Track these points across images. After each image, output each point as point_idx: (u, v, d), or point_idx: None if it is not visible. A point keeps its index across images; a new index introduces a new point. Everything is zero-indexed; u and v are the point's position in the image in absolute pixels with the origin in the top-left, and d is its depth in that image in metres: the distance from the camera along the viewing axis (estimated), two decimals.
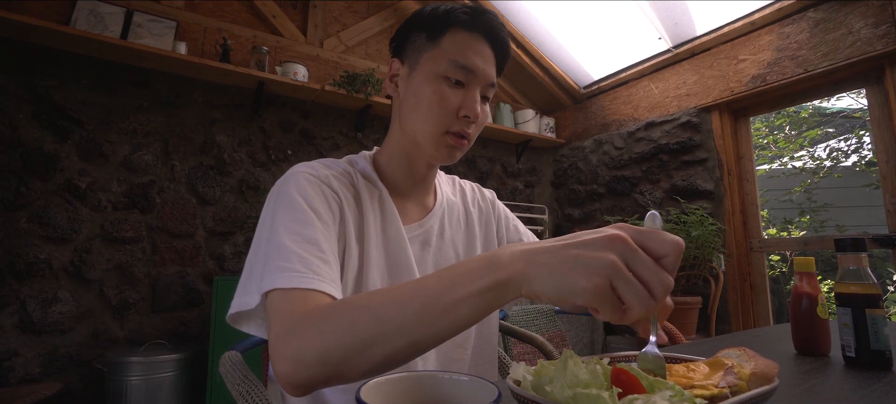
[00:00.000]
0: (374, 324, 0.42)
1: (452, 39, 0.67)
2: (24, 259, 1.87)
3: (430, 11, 0.70)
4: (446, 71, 0.66)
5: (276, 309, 0.50)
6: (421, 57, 0.69)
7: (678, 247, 0.37)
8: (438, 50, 0.67)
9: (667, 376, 0.45)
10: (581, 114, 3.40)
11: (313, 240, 0.56)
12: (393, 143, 0.75)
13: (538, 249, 0.40)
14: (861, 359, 0.60)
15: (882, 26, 1.91)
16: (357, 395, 0.32)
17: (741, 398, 0.37)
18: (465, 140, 0.69)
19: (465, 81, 0.67)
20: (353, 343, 0.42)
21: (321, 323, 0.45)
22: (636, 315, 0.36)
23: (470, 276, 0.41)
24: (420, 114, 0.68)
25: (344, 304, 0.47)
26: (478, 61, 0.67)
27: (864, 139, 4.44)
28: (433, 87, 0.66)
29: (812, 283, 0.72)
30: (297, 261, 0.53)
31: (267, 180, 2.47)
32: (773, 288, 3.31)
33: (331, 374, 0.43)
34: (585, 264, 0.36)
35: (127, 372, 1.76)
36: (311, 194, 0.62)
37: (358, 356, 0.42)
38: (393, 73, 0.74)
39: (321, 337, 0.44)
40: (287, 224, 0.57)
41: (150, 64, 2.17)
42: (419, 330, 0.42)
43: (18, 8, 1.89)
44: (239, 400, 0.58)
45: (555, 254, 0.38)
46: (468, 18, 0.67)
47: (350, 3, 2.93)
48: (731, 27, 2.43)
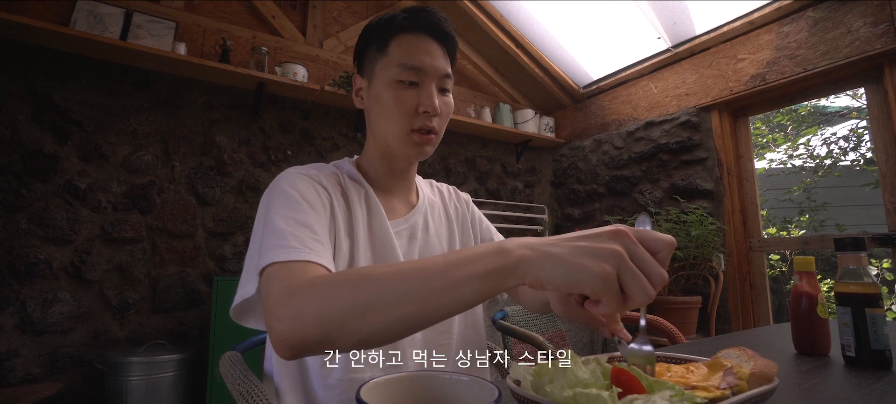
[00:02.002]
0: (376, 291, 0.43)
1: (398, 44, 0.71)
2: (25, 259, 1.87)
3: (375, 23, 0.75)
4: (398, 75, 0.70)
5: (274, 279, 0.52)
6: (375, 67, 0.73)
7: (670, 244, 0.41)
8: (388, 57, 0.71)
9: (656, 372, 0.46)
10: (580, 114, 3.40)
11: (306, 223, 0.60)
12: (370, 149, 0.80)
13: (545, 241, 0.42)
14: (861, 359, 0.60)
15: (881, 25, 1.92)
16: (357, 395, 0.32)
17: (741, 398, 0.37)
18: (431, 134, 0.73)
19: (417, 80, 0.71)
20: (353, 306, 0.43)
21: (323, 287, 0.46)
22: (636, 304, 0.39)
23: (476, 258, 0.42)
24: (384, 119, 0.72)
25: (347, 272, 0.48)
26: (426, 59, 0.71)
27: (863, 138, 4.44)
28: (390, 93, 0.71)
29: (812, 283, 0.72)
30: (292, 239, 0.56)
31: (267, 180, 2.47)
32: (773, 287, 3.31)
33: (324, 336, 0.43)
34: (594, 253, 0.39)
35: (127, 373, 1.76)
36: (302, 187, 0.66)
37: (355, 320, 0.43)
38: (357, 87, 0.79)
39: (321, 298, 0.45)
40: (281, 211, 0.61)
41: (149, 64, 2.17)
42: (419, 303, 0.42)
43: (18, 8, 1.89)
44: (239, 400, 0.58)
45: (562, 245, 0.41)
46: (408, 21, 0.72)
47: (349, 4, 2.93)
48: (731, 26, 2.43)
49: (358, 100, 0.80)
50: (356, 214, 0.72)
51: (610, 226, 0.41)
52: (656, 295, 0.40)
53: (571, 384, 0.35)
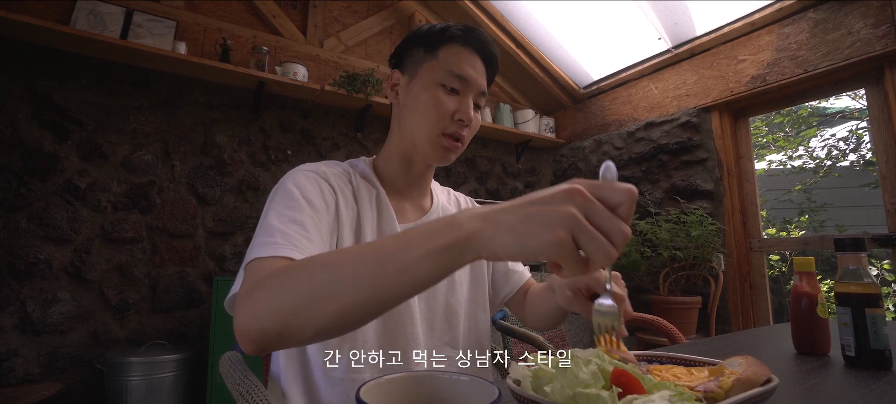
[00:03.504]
0: (328, 279, 0.43)
1: (448, 52, 0.74)
2: (24, 259, 1.87)
3: (427, 29, 0.78)
4: (443, 79, 0.73)
5: (248, 274, 0.53)
6: (420, 67, 0.76)
7: (632, 194, 0.38)
8: (435, 61, 0.74)
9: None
10: (581, 115, 3.40)
11: (299, 220, 0.60)
12: (392, 146, 0.81)
13: (497, 209, 0.40)
14: (861, 359, 0.60)
15: (882, 27, 1.92)
16: (357, 396, 0.32)
17: (741, 397, 0.37)
18: (459, 142, 0.75)
19: (459, 89, 0.74)
20: (307, 295, 0.43)
21: (280, 279, 0.46)
22: (598, 266, 0.37)
23: (428, 236, 0.41)
24: (419, 117, 0.74)
25: (304, 262, 0.48)
26: (471, 71, 0.74)
27: (863, 139, 4.44)
28: (431, 93, 0.73)
29: (812, 283, 0.72)
30: (278, 236, 0.56)
31: (267, 180, 2.47)
32: (773, 287, 3.31)
33: (283, 327, 0.43)
34: (546, 218, 0.36)
35: (127, 373, 1.76)
36: (306, 185, 0.67)
37: (309, 309, 0.42)
38: (393, 82, 0.80)
39: (277, 291, 0.45)
40: (277, 209, 0.62)
41: (150, 64, 2.17)
42: (374, 287, 0.41)
43: (18, 8, 1.89)
44: (239, 400, 0.58)
45: (513, 212, 0.38)
46: (462, 34, 0.75)
47: (350, 3, 2.93)
48: (731, 27, 2.43)
49: (391, 93, 0.81)
50: (365, 214, 0.73)
51: (564, 184, 0.38)
52: (620, 254, 0.37)
53: (571, 384, 0.35)
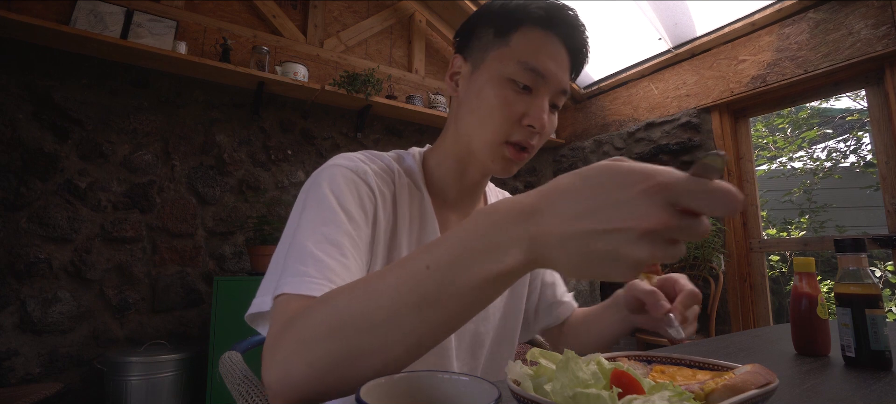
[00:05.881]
0: (369, 335, 0.37)
1: (524, 38, 0.59)
2: (24, 259, 1.87)
3: (500, 5, 0.62)
4: (514, 73, 0.58)
5: (277, 313, 0.45)
6: (487, 55, 0.61)
7: (737, 205, 0.29)
8: (507, 49, 0.59)
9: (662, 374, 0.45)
10: (581, 115, 3.40)
11: (336, 241, 0.51)
12: (446, 146, 0.68)
13: (555, 234, 0.32)
14: (861, 360, 0.60)
15: (882, 27, 1.92)
16: (357, 396, 0.32)
17: (741, 398, 0.37)
18: (525, 152, 0.61)
19: (532, 86, 0.59)
20: (346, 352, 0.37)
21: (313, 332, 0.39)
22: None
23: (488, 251, 0.34)
24: (479, 119, 0.61)
25: (341, 309, 0.39)
26: (550, 64, 0.59)
27: (863, 140, 4.44)
28: (497, 90, 0.59)
29: (812, 284, 0.72)
30: (312, 265, 0.47)
31: (267, 180, 2.47)
32: (773, 288, 3.31)
33: (318, 385, 0.38)
34: (615, 260, 0.31)
35: (127, 372, 1.76)
36: (344, 191, 0.56)
37: (349, 368, 0.37)
38: (454, 70, 0.66)
39: (310, 348, 0.38)
40: (312, 222, 0.52)
41: (150, 64, 2.17)
42: (415, 340, 0.37)
43: (18, 8, 1.89)
44: (239, 400, 0.58)
45: (578, 248, 0.31)
46: (543, 15, 0.59)
47: (350, 3, 2.93)
48: (732, 28, 2.43)
49: (451, 84, 0.67)
50: (402, 223, 0.62)
51: (645, 204, 0.29)
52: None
53: (571, 384, 0.35)
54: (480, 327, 0.68)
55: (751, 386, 0.39)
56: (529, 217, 0.34)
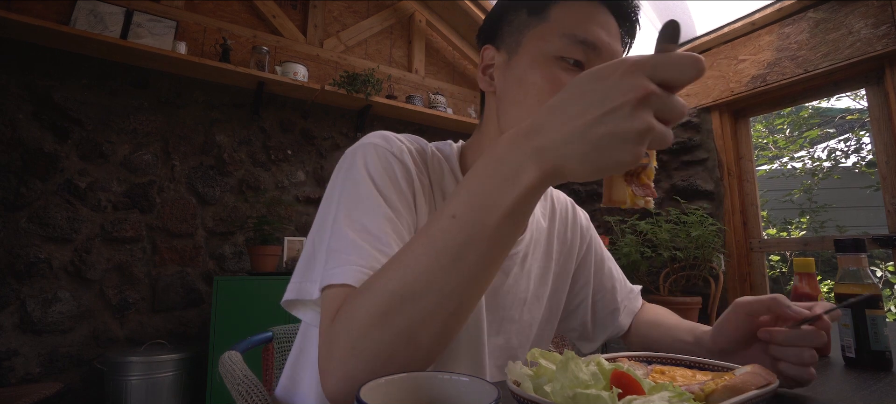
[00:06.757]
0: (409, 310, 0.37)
1: (564, 9, 0.52)
2: (24, 259, 1.87)
3: None
4: (560, 49, 0.51)
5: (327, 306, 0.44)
6: (524, 37, 0.55)
7: (700, 70, 0.32)
8: (546, 24, 0.53)
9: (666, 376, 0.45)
10: None
11: (375, 231, 0.48)
12: (484, 144, 0.62)
13: (561, 134, 0.34)
14: (861, 360, 0.60)
15: (882, 27, 1.91)
16: (357, 396, 0.32)
17: (741, 398, 0.37)
18: None
19: (584, 61, 0.52)
20: (400, 333, 0.37)
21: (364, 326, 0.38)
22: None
23: (489, 197, 0.36)
24: (527, 108, 0.53)
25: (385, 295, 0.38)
26: (602, 33, 0.52)
27: (863, 140, 4.44)
28: (544, 72, 0.52)
29: (812, 284, 0.72)
30: (354, 254, 0.45)
31: (267, 180, 2.47)
32: (773, 288, 3.31)
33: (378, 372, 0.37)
34: (620, 138, 0.32)
35: (127, 372, 1.76)
36: (381, 173, 0.52)
37: (407, 350, 0.37)
38: (486, 63, 0.60)
39: (367, 345, 0.38)
40: (349, 209, 0.49)
41: (150, 64, 2.17)
42: (461, 287, 0.37)
43: (18, 8, 1.89)
44: (239, 400, 0.58)
45: (582, 139, 0.33)
46: None
47: (350, 3, 2.93)
48: (732, 27, 2.43)
49: (485, 80, 0.60)
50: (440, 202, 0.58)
51: (627, 76, 0.32)
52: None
53: (571, 384, 0.35)
54: (513, 341, 0.65)
55: (751, 386, 0.39)
56: (532, 135, 0.36)
